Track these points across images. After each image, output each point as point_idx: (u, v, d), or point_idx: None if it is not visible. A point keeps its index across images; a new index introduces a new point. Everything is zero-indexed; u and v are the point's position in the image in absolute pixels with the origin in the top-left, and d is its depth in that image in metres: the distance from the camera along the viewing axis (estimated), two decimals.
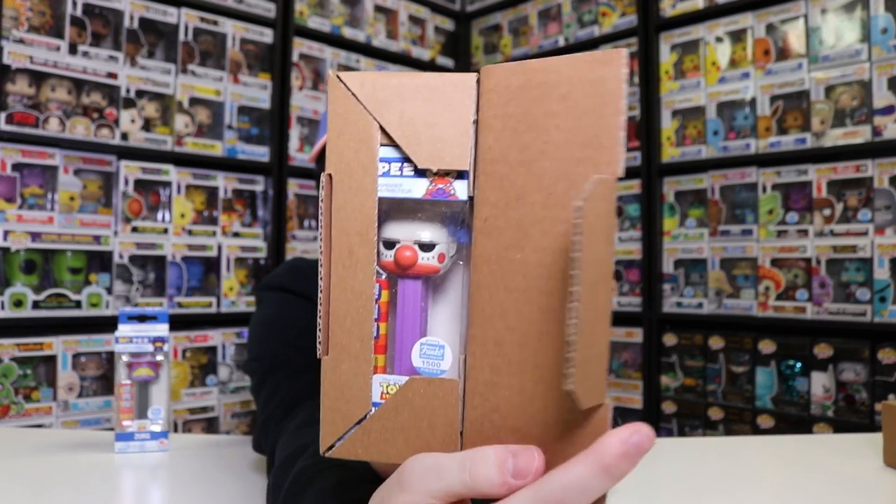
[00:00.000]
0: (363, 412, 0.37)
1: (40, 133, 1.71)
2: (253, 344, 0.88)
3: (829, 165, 1.85)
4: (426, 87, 0.36)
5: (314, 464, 0.53)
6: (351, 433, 0.37)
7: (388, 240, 0.38)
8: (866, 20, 1.79)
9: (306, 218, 2.27)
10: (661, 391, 2.16)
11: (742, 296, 2.00)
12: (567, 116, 0.34)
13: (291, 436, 0.65)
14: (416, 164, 0.36)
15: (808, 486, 0.78)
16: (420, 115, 0.36)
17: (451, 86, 0.36)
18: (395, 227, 0.38)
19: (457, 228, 0.39)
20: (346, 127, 0.37)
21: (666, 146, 2.17)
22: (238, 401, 2.05)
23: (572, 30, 2.43)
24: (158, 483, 0.81)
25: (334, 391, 0.37)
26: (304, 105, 2.23)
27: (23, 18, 1.69)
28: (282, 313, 0.89)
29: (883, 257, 1.74)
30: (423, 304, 0.39)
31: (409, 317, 0.38)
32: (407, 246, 0.37)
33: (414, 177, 0.37)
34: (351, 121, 0.37)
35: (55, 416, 1.71)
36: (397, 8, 2.51)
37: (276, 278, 0.94)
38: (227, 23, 2.06)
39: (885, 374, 1.73)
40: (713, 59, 2.08)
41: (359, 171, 0.37)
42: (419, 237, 0.38)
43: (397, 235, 0.38)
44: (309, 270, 0.94)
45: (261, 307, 0.93)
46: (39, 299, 1.70)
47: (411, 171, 0.37)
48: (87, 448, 0.91)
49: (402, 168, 0.37)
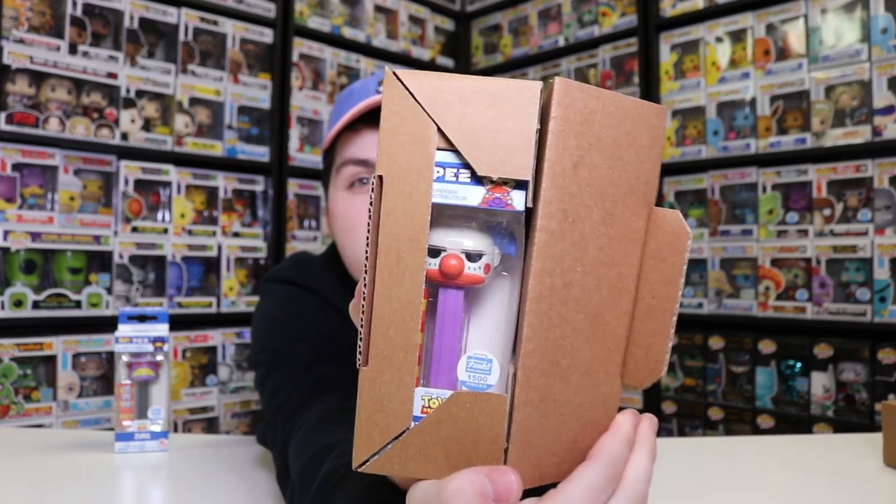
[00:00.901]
0: (403, 427, 0.36)
1: (40, 133, 1.71)
2: (259, 336, 0.86)
3: (829, 165, 1.85)
4: (488, 92, 0.35)
5: (343, 464, 0.53)
6: (388, 448, 0.36)
7: (433, 247, 0.36)
8: (866, 20, 1.79)
9: (306, 218, 2.27)
10: (661, 391, 2.16)
11: (742, 296, 2.00)
12: (629, 149, 0.38)
13: (309, 434, 0.64)
14: (476, 170, 0.35)
15: (808, 487, 0.78)
16: (482, 120, 0.35)
17: (514, 92, 0.35)
18: (440, 234, 0.36)
19: (503, 239, 0.37)
20: (401, 127, 0.35)
21: (666, 146, 2.17)
22: (238, 401, 2.05)
23: (572, 30, 2.43)
24: (158, 483, 0.80)
25: (372, 404, 0.36)
26: (304, 105, 2.23)
27: (23, 18, 1.69)
28: (288, 306, 0.87)
29: (883, 257, 1.74)
30: (464, 315, 0.37)
31: (449, 328, 0.37)
32: (454, 254, 0.36)
33: (470, 184, 0.35)
34: (406, 121, 0.35)
35: (55, 416, 1.71)
36: (397, 8, 2.51)
37: (283, 271, 0.93)
38: (227, 23, 2.06)
39: (885, 374, 1.73)
40: (713, 59, 2.08)
41: (412, 174, 0.35)
42: (466, 246, 0.36)
43: (443, 243, 0.36)
44: (315, 264, 0.93)
45: (266, 299, 0.92)
46: (39, 299, 1.70)
47: (468, 177, 0.35)
48: (86, 448, 0.91)
49: (457, 174, 0.35)
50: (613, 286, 0.38)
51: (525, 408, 0.35)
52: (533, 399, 0.36)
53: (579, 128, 0.36)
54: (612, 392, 0.39)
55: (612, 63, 2.32)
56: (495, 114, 0.35)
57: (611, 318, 0.38)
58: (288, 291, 0.89)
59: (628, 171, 0.38)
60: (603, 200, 0.37)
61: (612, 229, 0.37)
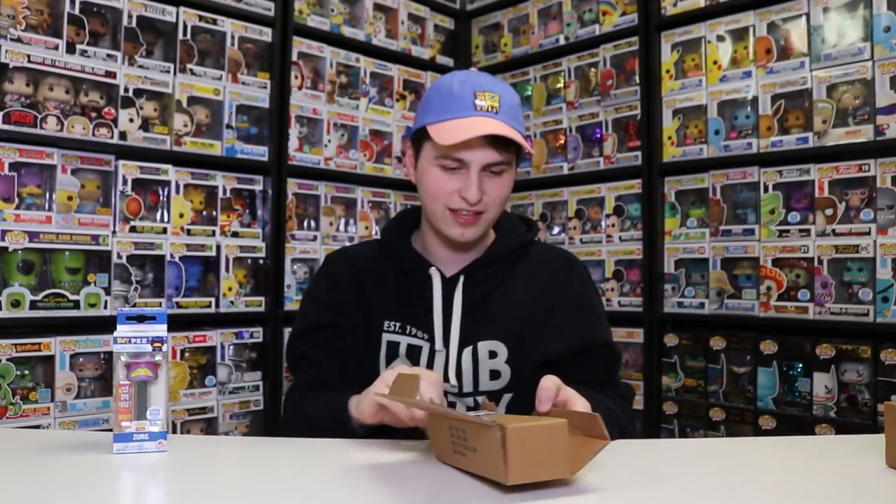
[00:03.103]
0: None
1: (38, 132, 1.71)
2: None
3: (831, 165, 1.84)
4: None
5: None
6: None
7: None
8: (868, 19, 1.79)
9: (306, 218, 2.27)
10: (662, 392, 2.15)
11: (743, 296, 1.99)
12: None
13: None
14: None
15: (810, 488, 0.78)
16: None
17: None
18: None
19: None
20: None
21: (667, 146, 2.17)
22: (237, 401, 2.04)
23: (573, 28, 2.43)
24: (157, 484, 0.80)
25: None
26: (303, 104, 2.23)
27: (20, 17, 1.69)
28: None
29: (885, 257, 1.73)
30: None
31: None
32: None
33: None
34: None
35: (53, 416, 1.70)
36: (397, 6, 2.50)
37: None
38: (226, 21, 2.05)
39: (887, 374, 1.72)
40: (714, 58, 2.07)
41: None
42: None
43: None
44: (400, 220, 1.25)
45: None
46: (37, 299, 1.69)
47: None
48: (85, 449, 0.90)
49: None
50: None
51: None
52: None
53: None
54: None
55: (613, 62, 2.31)
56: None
57: None
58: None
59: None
60: None
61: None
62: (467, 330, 1.10)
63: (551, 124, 2.47)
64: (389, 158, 2.45)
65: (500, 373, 1.10)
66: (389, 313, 1.13)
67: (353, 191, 2.36)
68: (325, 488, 0.76)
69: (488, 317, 1.11)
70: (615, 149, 2.29)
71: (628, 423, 1.09)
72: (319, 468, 0.84)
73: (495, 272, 1.14)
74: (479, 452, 0.73)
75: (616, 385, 1.16)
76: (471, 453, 0.75)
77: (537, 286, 1.15)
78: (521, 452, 0.67)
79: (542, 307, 1.13)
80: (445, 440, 0.81)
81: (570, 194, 2.40)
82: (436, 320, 1.10)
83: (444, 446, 0.83)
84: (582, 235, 2.36)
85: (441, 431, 0.82)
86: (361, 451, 0.91)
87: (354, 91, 2.37)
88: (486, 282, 1.13)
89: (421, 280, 1.13)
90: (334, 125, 2.30)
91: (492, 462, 0.70)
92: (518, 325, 1.11)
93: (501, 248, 1.16)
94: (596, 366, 1.13)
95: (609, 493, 0.72)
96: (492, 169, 1.05)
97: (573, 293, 1.16)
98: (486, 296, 1.13)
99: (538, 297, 1.14)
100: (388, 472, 0.81)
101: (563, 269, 1.18)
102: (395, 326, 1.12)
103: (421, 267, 1.14)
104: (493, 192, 1.06)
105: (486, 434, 0.71)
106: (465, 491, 0.73)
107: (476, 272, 1.13)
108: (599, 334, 1.15)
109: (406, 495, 0.73)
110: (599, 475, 0.77)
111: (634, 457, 0.84)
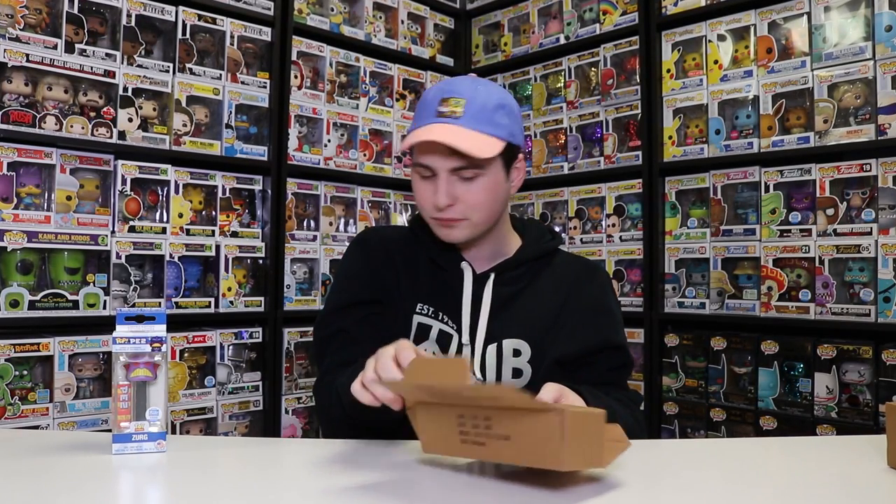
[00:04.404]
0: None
1: (37, 132, 1.70)
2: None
3: (833, 165, 1.84)
4: None
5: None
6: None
7: None
8: (870, 18, 1.78)
9: (305, 218, 2.26)
10: (663, 392, 2.15)
11: (744, 296, 1.99)
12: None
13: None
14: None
15: (811, 489, 0.77)
16: None
17: None
18: None
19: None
20: None
21: (667, 145, 2.16)
22: (236, 402, 2.04)
23: (573, 28, 2.42)
24: (156, 484, 0.80)
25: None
26: (302, 104, 2.22)
27: (19, 16, 1.68)
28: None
29: (887, 257, 1.73)
30: None
31: None
32: None
33: None
34: None
35: (52, 417, 1.69)
36: (397, 6, 2.50)
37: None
38: (225, 21, 2.05)
39: (889, 375, 1.71)
40: (715, 58, 2.07)
41: None
42: None
43: None
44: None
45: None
46: (36, 299, 1.69)
47: None
48: (83, 449, 0.90)
49: None
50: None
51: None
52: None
53: None
54: None
55: (614, 61, 2.31)
56: None
57: None
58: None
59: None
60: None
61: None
62: (494, 326, 1.11)
63: (552, 124, 2.46)
64: (389, 158, 2.45)
65: (523, 371, 1.11)
66: (421, 297, 1.14)
67: (353, 190, 2.36)
68: (325, 488, 0.75)
69: (514, 316, 1.12)
70: (615, 148, 2.28)
71: (637, 426, 1.08)
72: (319, 468, 0.84)
73: (522, 275, 1.16)
74: (514, 440, 0.69)
75: (625, 389, 1.17)
76: (496, 442, 0.71)
77: (561, 291, 1.16)
78: (576, 437, 0.65)
79: (565, 311, 1.14)
80: (446, 430, 0.76)
81: (570, 194, 2.40)
82: (464, 314, 1.11)
83: (442, 437, 0.77)
84: (582, 235, 2.36)
85: (438, 421, 0.77)
86: (363, 450, 0.91)
87: (354, 91, 2.37)
88: (514, 283, 1.15)
89: (452, 272, 1.14)
90: (334, 125, 2.30)
91: (539, 448, 0.67)
92: (542, 327, 1.12)
93: (529, 253, 1.17)
94: (607, 366, 1.14)
95: (609, 493, 0.72)
96: (461, 174, 1.04)
97: (592, 295, 1.17)
98: (513, 296, 1.14)
99: (562, 303, 1.15)
100: (390, 472, 0.81)
101: (586, 275, 1.20)
102: (428, 310, 1.13)
103: (453, 260, 1.14)
104: (465, 198, 1.04)
105: (529, 419, 0.67)
106: (459, 482, 0.73)
107: (505, 272, 1.14)
108: (614, 337, 1.15)
109: (411, 496, 0.73)
110: (599, 475, 0.77)
111: (634, 457, 0.83)
